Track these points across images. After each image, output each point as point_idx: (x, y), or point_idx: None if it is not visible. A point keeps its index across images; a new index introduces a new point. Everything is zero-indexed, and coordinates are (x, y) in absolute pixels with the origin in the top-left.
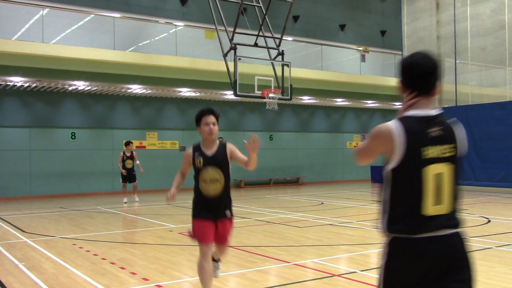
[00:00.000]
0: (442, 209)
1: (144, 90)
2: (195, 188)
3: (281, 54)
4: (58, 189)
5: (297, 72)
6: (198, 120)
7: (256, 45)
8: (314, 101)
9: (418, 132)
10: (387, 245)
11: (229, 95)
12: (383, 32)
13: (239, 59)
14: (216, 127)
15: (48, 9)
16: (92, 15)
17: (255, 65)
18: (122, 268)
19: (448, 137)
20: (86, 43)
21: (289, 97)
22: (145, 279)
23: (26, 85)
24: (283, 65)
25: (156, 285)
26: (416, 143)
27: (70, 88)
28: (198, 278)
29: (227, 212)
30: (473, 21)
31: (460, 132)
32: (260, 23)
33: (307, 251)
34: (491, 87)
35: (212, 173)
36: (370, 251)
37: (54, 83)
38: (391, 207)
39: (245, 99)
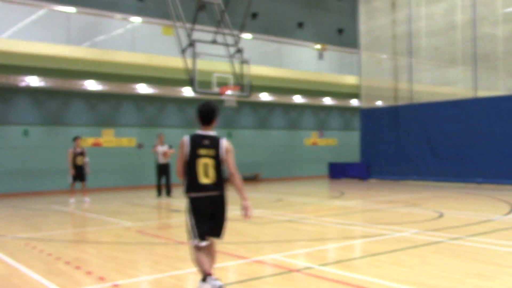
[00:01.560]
0: (209, 181)
1: (100, 87)
2: None
3: (240, 51)
4: (10, 188)
5: (256, 69)
6: None
7: (214, 42)
8: (272, 98)
9: (196, 141)
10: (188, 201)
11: (187, 92)
12: (340, 31)
13: (198, 55)
14: None
15: None
16: (45, 9)
17: (214, 62)
18: (78, 267)
19: (212, 145)
20: (39, 37)
21: (247, 94)
22: (101, 278)
23: None
24: (241, 62)
25: (112, 284)
26: (195, 146)
27: (22, 84)
28: (155, 276)
29: None
30: (427, 21)
31: (222, 143)
32: (219, 19)
33: (265, 247)
34: (444, 85)
35: None
36: (327, 246)
37: (6, 78)
38: (187, 180)
39: (203, 96)
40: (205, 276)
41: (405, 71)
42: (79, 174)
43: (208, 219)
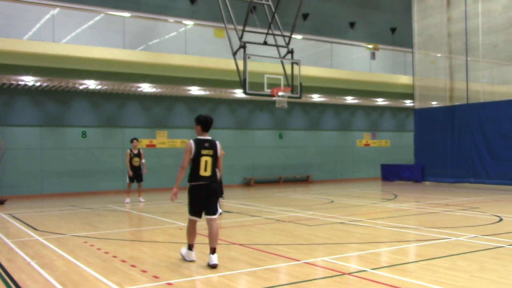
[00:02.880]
0: (207, 173)
1: (154, 89)
2: None
3: (291, 52)
4: (69, 188)
5: (307, 70)
6: None
7: (265, 43)
8: (323, 99)
9: (199, 144)
10: (189, 188)
11: (238, 93)
12: (393, 30)
13: (249, 57)
14: None
15: (58, 8)
16: (102, 15)
17: (265, 63)
18: (133, 266)
19: (211, 147)
20: (96, 42)
21: (298, 95)
22: (156, 276)
23: (37, 84)
24: (292, 63)
25: (167, 283)
26: (198, 148)
27: (80, 87)
28: (208, 276)
29: None
30: (484, 17)
31: (218, 146)
32: (270, 21)
33: (317, 250)
34: (502, 84)
35: None
36: (380, 250)
37: (65, 82)
38: (190, 173)
39: (254, 98)
40: (190, 246)
41: (461, 70)
42: (136, 174)
43: (204, 201)
